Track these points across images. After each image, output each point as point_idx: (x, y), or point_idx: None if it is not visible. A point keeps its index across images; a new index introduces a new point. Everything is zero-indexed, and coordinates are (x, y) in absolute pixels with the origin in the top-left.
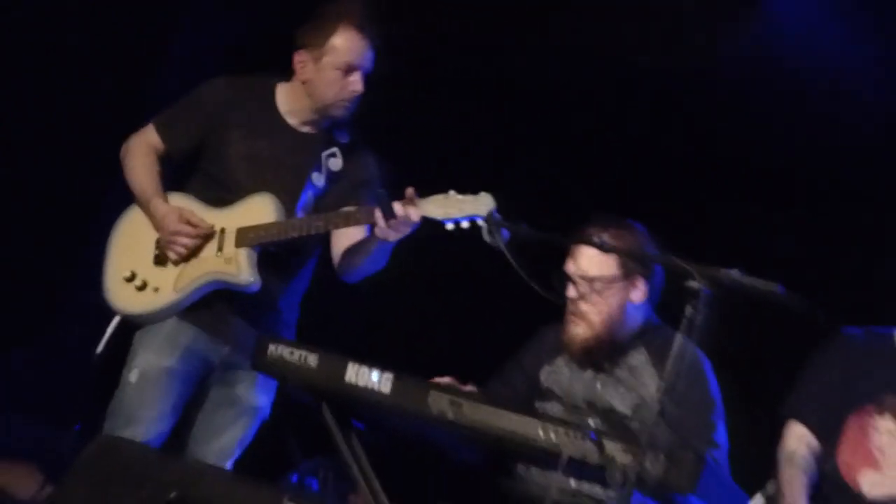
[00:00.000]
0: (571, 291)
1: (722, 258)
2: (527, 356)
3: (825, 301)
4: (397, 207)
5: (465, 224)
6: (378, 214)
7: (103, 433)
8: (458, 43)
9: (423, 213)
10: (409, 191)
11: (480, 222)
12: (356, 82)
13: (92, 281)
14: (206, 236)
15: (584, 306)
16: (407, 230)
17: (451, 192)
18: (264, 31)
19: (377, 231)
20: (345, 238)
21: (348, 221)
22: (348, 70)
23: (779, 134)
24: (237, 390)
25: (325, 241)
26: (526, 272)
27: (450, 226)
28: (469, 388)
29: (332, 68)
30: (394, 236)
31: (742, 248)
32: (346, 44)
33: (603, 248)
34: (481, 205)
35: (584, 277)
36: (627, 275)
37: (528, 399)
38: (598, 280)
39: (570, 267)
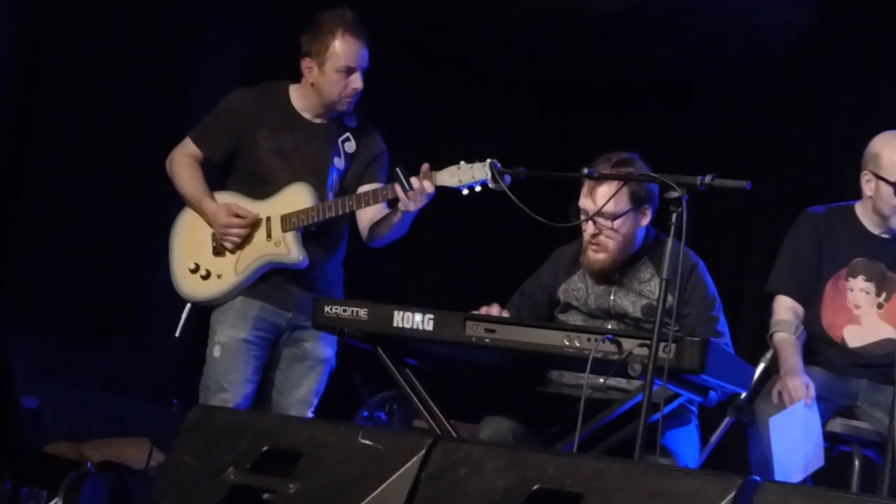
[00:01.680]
0: (590, 227)
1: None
2: (544, 276)
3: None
4: (414, 181)
5: (478, 188)
6: (398, 189)
7: (199, 403)
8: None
9: (439, 183)
10: (425, 166)
11: (465, 165)
12: (356, 80)
13: (165, 275)
14: (255, 224)
15: (602, 238)
16: (424, 201)
17: (462, 163)
18: (271, 44)
19: (399, 204)
20: (368, 212)
21: (376, 198)
22: (348, 71)
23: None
24: (305, 347)
25: (352, 214)
26: (527, 207)
27: (465, 191)
28: (504, 313)
29: (334, 71)
30: (413, 207)
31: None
32: (343, 49)
33: (593, 177)
34: (488, 169)
35: (601, 214)
36: (637, 204)
37: (549, 312)
38: (614, 215)
39: (588, 205)
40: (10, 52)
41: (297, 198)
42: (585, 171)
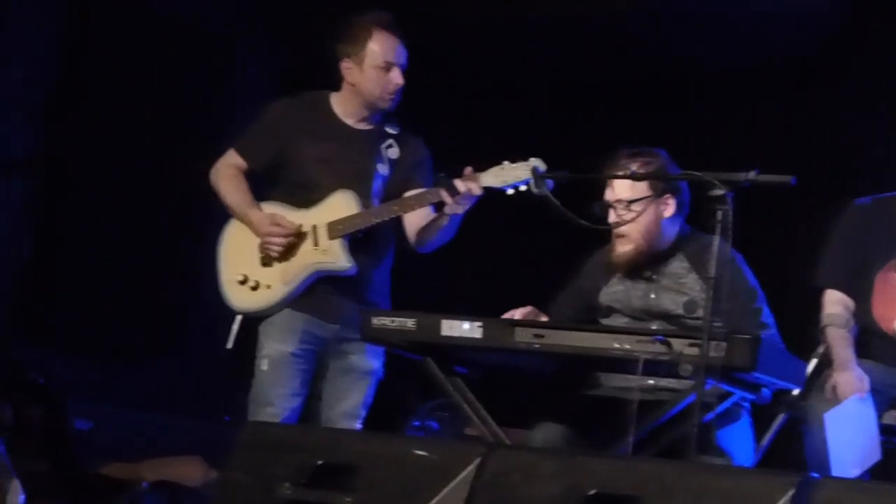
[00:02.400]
0: (612, 216)
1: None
2: (583, 281)
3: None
4: (459, 184)
5: (522, 187)
6: (444, 193)
7: (249, 419)
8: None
9: (483, 184)
10: (468, 169)
11: (508, 165)
12: (396, 76)
13: (215, 290)
14: (300, 234)
15: (624, 227)
16: (469, 203)
17: (505, 163)
18: (306, 56)
19: (447, 208)
20: (415, 217)
21: (421, 202)
22: (387, 67)
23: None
24: (352, 359)
25: (398, 220)
26: (571, 211)
27: (510, 191)
28: (544, 316)
29: (373, 68)
30: (459, 209)
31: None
32: (381, 45)
33: (634, 178)
34: (532, 168)
35: (620, 201)
36: (657, 194)
37: (592, 318)
38: (632, 201)
39: (608, 194)
40: (48, 73)
41: (342, 205)
42: (629, 171)
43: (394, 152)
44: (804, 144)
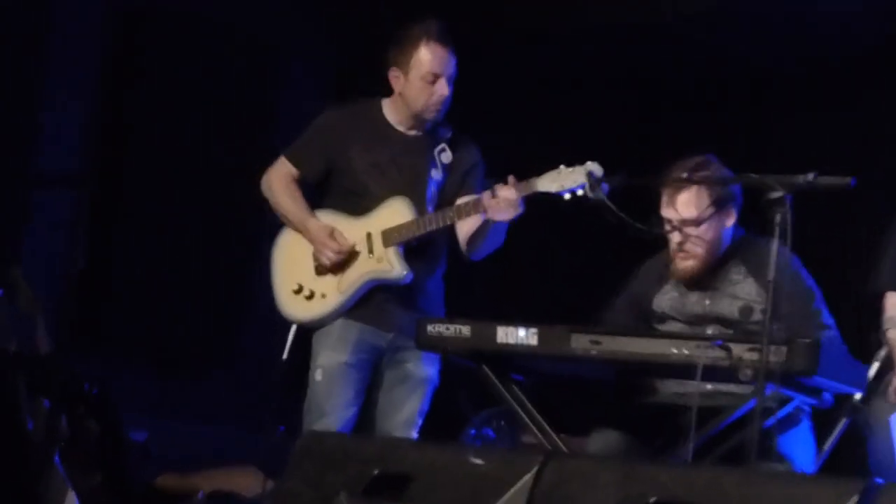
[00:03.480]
0: (676, 236)
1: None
2: (636, 289)
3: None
4: (499, 189)
5: (579, 192)
6: (486, 199)
7: (304, 429)
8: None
9: (540, 189)
10: (510, 178)
11: (565, 169)
12: (442, 87)
13: (267, 300)
14: (355, 246)
15: (688, 245)
16: (511, 210)
17: (562, 167)
18: (357, 62)
19: (485, 214)
20: (467, 224)
21: (476, 209)
22: (434, 79)
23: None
24: (407, 367)
25: (451, 226)
26: (627, 216)
27: (567, 196)
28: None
29: (419, 79)
30: (498, 216)
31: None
32: (427, 57)
33: (693, 181)
34: (588, 172)
35: (685, 221)
36: (720, 206)
37: (646, 325)
38: (697, 220)
39: (670, 213)
40: (98, 86)
41: (396, 212)
42: (685, 175)
43: (447, 157)
44: (863, 145)
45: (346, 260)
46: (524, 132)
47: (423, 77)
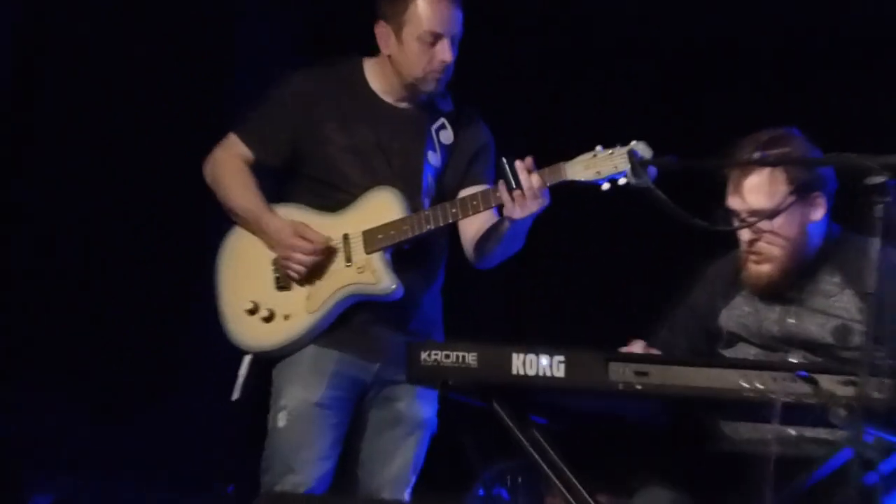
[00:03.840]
0: (746, 234)
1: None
2: (699, 300)
3: None
4: (522, 177)
5: (621, 180)
6: (502, 189)
7: (262, 490)
8: None
9: (571, 177)
10: (528, 160)
11: (602, 152)
12: (444, 51)
13: (211, 322)
14: (329, 248)
15: (762, 244)
16: (536, 204)
17: (598, 148)
18: (332, 13)
19: (505, 210)
20: (474, 223)
21: (486, 203)
22: (434, 39)
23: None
24: (398, 407)
25: (453, 227)
26: (681, 208)
27: (605, 185)
28: (654, 350)
29: (415, 40)
30: (521, 213)
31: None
32: (426, 11)
33: (765, 163)
34: (630, 152)
35: (755, 213)
36: (803, 193)
37: (710, 348)
38: (771, 212)
39: (736, 203)
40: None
41: (382, 207)
42: (757, 154)
43: (447, 136)
44: None
45: (316, 270)
46: (547, 106)
47: (420, 37)
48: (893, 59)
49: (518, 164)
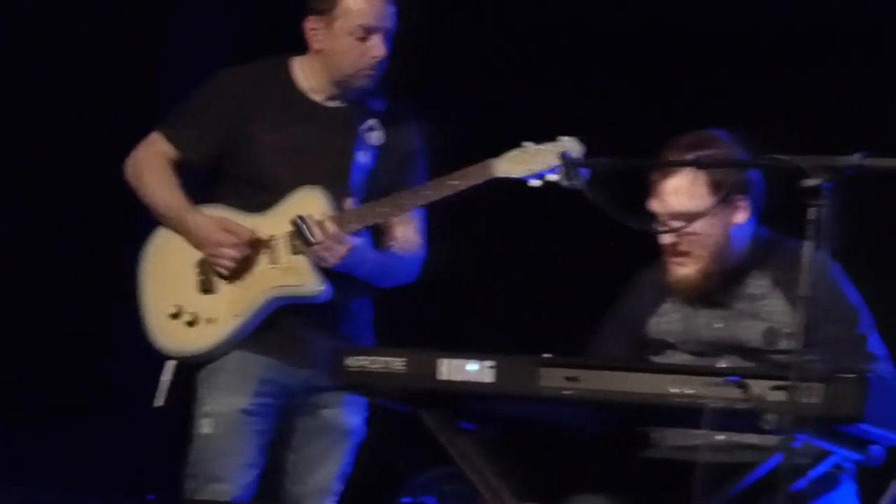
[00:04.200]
0: (667, 237)
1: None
2: (627, 308)
3: None
4: (318, 228)
5: (551, 177)
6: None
7: (186, 498)
8: None
9: (500, 174)
10: (347, 202)
11: (531, 147)
12: (376, 46)
13: (136, 326)
14: (254, 246)
15: (683, 246)
16: (336, 252)
17: (527, 144)
18: (266, 9)
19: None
20: (401, 228)
21: (416, 199)
22: (366, 34)
23: None
24: (326, 415)
25: (380, 229)
26: (615, 211)
27: (534, 182)
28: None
29: (346, 34)
30: (326, 261)
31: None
32: (359, 4)
33: (699, 165)
34: (566, 151)
35: (676, 215)
36: (724, 196)
37: (640, 356)
38: (691, 214)
39: (657, 206)
40: None
41: (308, 207)
42: (689, 156)
43: (377, 137)
44: None
45: (241, 272)
46: (478, 104)
47: (351, 32)
48: (830, 60)
49: (309, 219)
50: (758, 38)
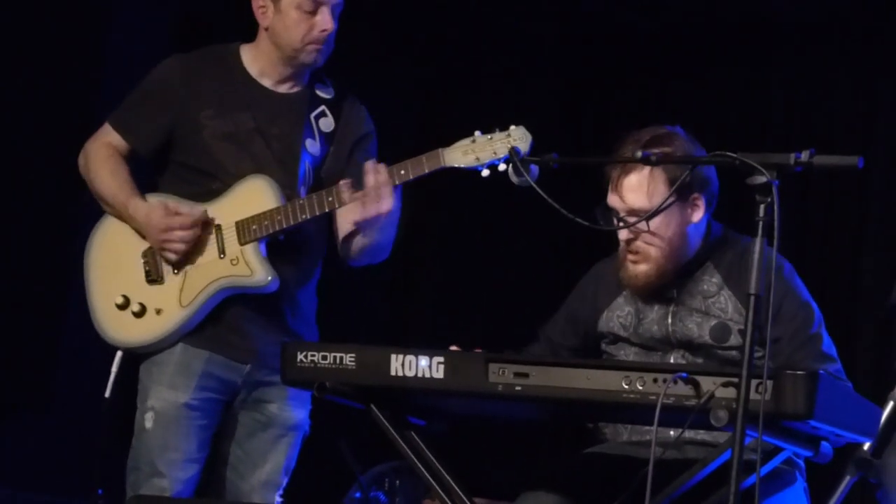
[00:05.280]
0: (624, 233)
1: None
2: (581, 300)
3: None
4: (369, 175)
5: (501, 166)
6: (345, 190)
7: (128, 493)
8: None
9: (450, 163)
10: (369, 164)
11: (481, 137)
12: (324, 21)
13: (82, 317)
14: (203, 234)
15: (639, 243)
16: (388, 200)
17: (477, 134)
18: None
19: (354, 215)
20: (348, 217)
21: (341, 199)
22: (314, 7)
23: None
24: (269, 409)
25: (330, 218)
26: (565, 208)
27: (485, 172)
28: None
29: (294, 8)
30: (373, 213)
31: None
32: None
33: (648, 162)
34: (516, 140)
35: (633, 212)
36: (682, 194)
37: (593, 347)
38: (650, 211)
39: (615, 202)
40: None
41: (255, 197)
42: (639, 154)
43: (327, 123)
44: (874, 116)
45: (189, 260)
46: (428, 91)
47: (299, 6)
48: (776, 60)
49: (368, 164)
50: (700, 37)
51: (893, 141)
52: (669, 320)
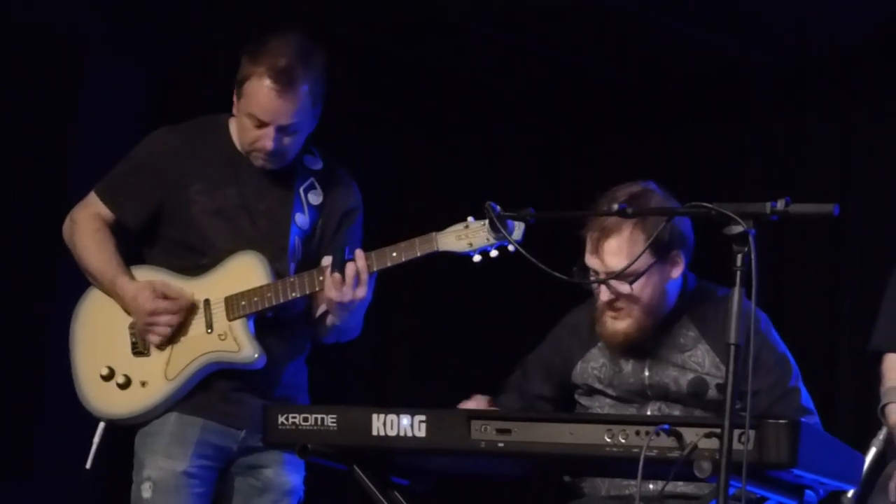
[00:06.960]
0: (604, 293)
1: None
2: (554, 349)
3: None
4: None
5: (493, 252)
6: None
7: None
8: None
9: (443, 248)
10: (357, 252)
11: (475, 223)
12: (265, 138)
13: (65, 388)
14: (190, 311)
15: (619, 303)
16: (360, 290)
17: (470, 219)
18: (187, 67)
19: (325, 300)
20: (324, 295)
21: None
22: (258, 123)
23: None
24: (265, 474)
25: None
26: (540, 261)
27: (476, 257)
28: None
29: (244, 115)
30: (335, 296)
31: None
32: (255, 95)
33: (624, 214)
34: (492, 202)
35: (613, 274)
36: (662, 253)
37: (565, 400)
38: (630, 274)
39: (596, 264)
40: None
41: (245, 273)
42: (616, 206)
43: (315, 197)
44: (848, 165)
45: (176, 334)
46: (408, 150)
47: (249, 115)
48: (747, 110)
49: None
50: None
51: (869, 188)
52: (647, 373)
